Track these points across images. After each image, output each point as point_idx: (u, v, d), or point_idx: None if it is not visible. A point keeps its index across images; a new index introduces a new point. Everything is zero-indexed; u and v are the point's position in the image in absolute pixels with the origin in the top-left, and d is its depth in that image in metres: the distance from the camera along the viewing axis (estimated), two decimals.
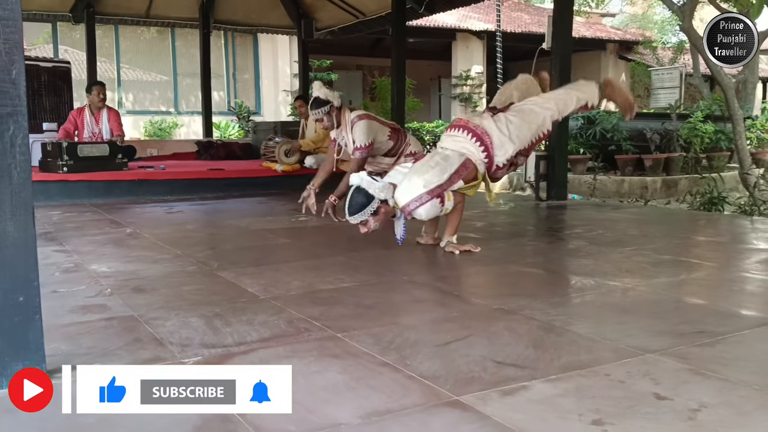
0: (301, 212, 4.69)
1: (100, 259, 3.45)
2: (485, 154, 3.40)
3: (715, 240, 4.00)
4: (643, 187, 8.48)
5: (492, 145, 3.40)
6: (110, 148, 6.56)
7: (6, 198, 1.69)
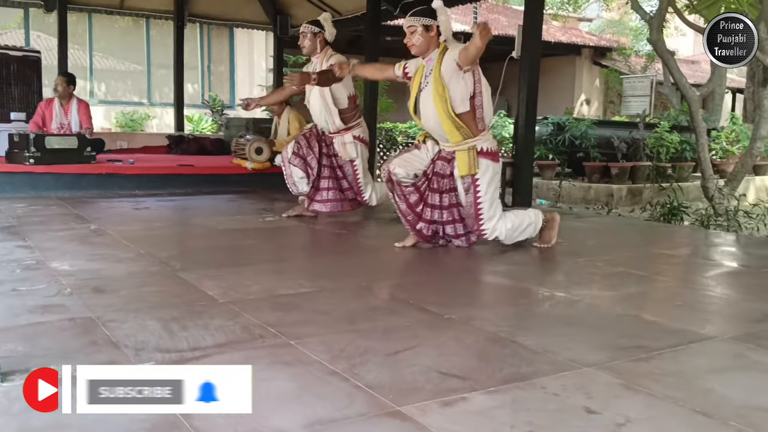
0: (269, 213, 4.73)
1: (63, 256, 3.46)
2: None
3: (669, 253, 4.13)
4: (609, 194, 8.66)
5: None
6: (79, 141, 6.52)
7: None
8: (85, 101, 7.20)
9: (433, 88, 3.50)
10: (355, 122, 4.84)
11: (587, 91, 20.08)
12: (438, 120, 3.53)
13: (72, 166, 6.35)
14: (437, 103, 3.49)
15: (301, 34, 4.78)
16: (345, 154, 4.82)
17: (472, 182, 3.58)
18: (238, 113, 15.82)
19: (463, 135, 3.53)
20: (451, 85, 3.46)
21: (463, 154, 3.56)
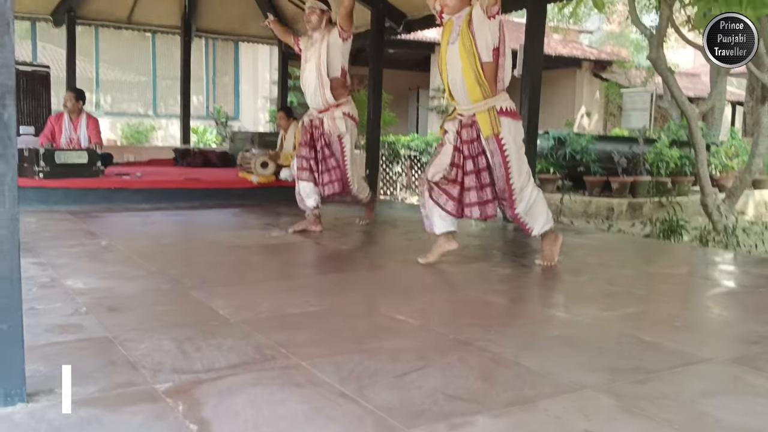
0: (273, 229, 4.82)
1: (76, 273, 3.55)
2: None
3: (668, 272, 4.21)
4: (610, 208, 8.75)
5: None
6: (88, 155, 6.63)
7: None
8: (94, 117, 7.33)
9: (461, 41, 3.66)
10: (344, 99, 5.00)
11: (588, 103, 20.20)
12: (462, 74, 3.68)
13: (81, 180, 6.47)
14: (463, 55, 3.65)
15: (309, 9, 4.94)
16: (334, 129, 4.95)
17: (497, 142, 3.70)
18: (242, 124, 15.99)
19: (483, 93, 3.67)
20: (477, 34, 3.62)
21: (483, 115, 3.70)
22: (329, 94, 4.85)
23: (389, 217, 6.72)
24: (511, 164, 3.71)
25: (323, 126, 4.97)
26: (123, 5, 9.53)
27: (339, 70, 4.90)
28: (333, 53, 4.84)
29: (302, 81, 5.05)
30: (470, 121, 3.76)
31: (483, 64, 3.63)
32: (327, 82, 4.83)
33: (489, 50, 3.64)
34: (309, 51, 4.96)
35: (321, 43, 4.85)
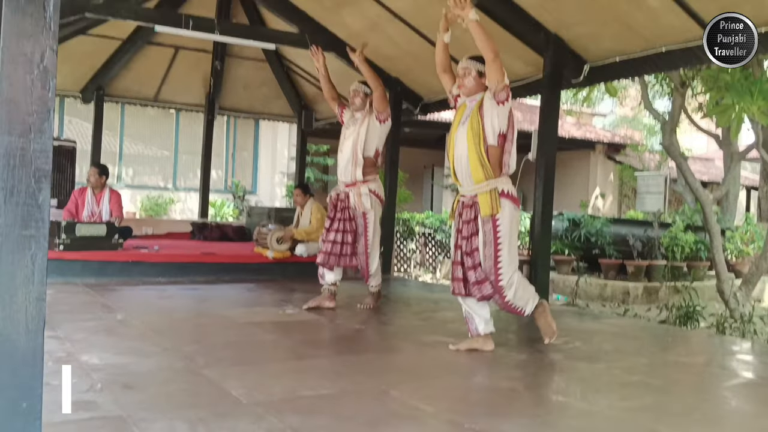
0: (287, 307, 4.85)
1: (92, 348, 3.57)
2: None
3: (685, 360, 4.15)
4: (625, 292, 8.69)
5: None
6: (108, 229, 6.75)
7: (22, 311, 1.86)
8: (117, 191, 7.50)
9: (470, 123, 3.77)
10: (372, 177, 5.17)
11: (602, 185, 20.34)
12: (466, 155, 3.75)
13: (100, 253, 6.55)
14: (469, 137, 3.75)
15: (353, 92, 5.29)
16: (360, 205, 5.10)
17: (493, 223, 3.72)
18: (260, 198, 16.23)
19: (485, 174, 3.72)
20: (486, 118, 3.73)
21: (484, 195, 3.74)
22: (359, 172, 5.05)
23: (403, 295, 6.72)
24: (502, 248, 3.72)
25: (349, 200, 5.13)
26: (150, 84, 9.91)
27: (373, 150, 5.14)
28: (371, 135, 5.09)
29: (339, 154, 5.27)
30: (471, 201, 3.83)
31: (488, 147, 3.73)
32: (360, 161, 5.05)
33: (495, 134, 3.75)
34: (349, 129, 5.21)
35: (362, 123, 5.11)
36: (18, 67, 1.90)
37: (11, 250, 1.87)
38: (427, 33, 7.00)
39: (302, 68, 9.43)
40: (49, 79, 1.93)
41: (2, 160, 1.86)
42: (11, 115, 1.88)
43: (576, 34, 5.93)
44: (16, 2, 1.93)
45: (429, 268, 11.74)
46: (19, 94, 1.89)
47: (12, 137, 1.88)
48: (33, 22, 1.92)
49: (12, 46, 1.90)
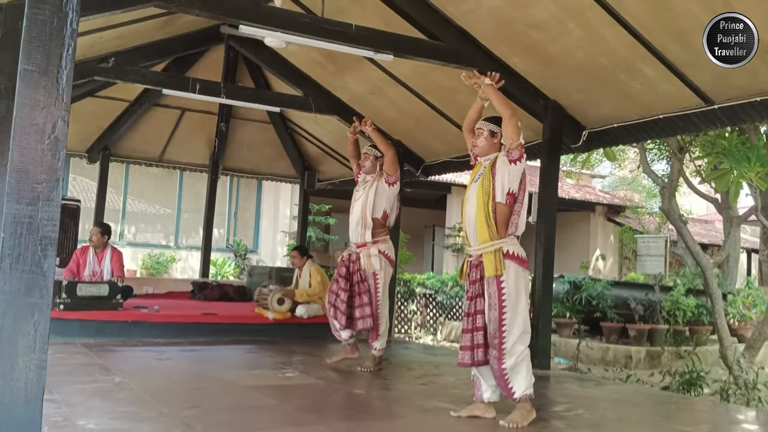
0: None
1: (89, 413, 3.53)
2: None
3: (689, 430, 4.08)
4: (628, 356, 8.61)
5: None
6: (109, 288, 6.74)
7: (22, 379, 1.87)
8: (118, 250, 7.52)
9: (481, 181, 3.82)
10: (382, 238, 5.29)
11: (602, 246, 20.36)
12: (475, 213, 3.79)
13: (100, 313, 6.52)
14: (479, 194, 3.78)
15: (364, 155, 5.48)
16: (369, 266, 5.19)
17: (497, 285, 3.66)
18: (261, 257, 16.23)
19: (490, 234, 3.71)
20: (497, 176, 3.76)
21: (489, 255, 3.71)
22: (369, 233, 5.17)
23: (404, 359, 6.66)
24: (507, 310, 3.64)
25: (360, 261, 5.19)
26: (156, 144, 10.06)
27: (381, 212, 5.27)
28: (379, 197, 5.25)
29: (350, 216, 5.41)
30: (477, 261, 3.82)
31: (496, 205, 3.74)
32: (370, 223, 5.19)
33: (504, 193, 3.76)
34: (359, 191, 5.40)
35: (371, 186, 5.29)
36: (30, 137, 1.95)
37: (14, 317, 1.88)
38: (427, 97, 7.16)
39: (306, 130, 9.59)
40: (59, 149, 1.99)
41: (9, 228, 1.90)
42: (21, 184, 1.92)
43: (574, 101, 6.06)
44: (30, 75, 2.00)
45: (430, 329, 11.65)
46: (30, 164, 1.94)
47: (20, 205, 1.92)
48: (46, 94, 1.99)
49: (25, 116, 1.96)
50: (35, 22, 2.00)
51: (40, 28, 2.00)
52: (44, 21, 2.01)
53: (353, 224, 5.31)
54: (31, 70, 1.96)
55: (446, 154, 8.18)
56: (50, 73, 2.00)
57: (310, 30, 5.20)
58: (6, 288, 1.87)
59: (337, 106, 7.90)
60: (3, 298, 1.87)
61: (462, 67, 6.01)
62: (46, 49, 1.98)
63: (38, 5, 2.03)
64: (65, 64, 1.99)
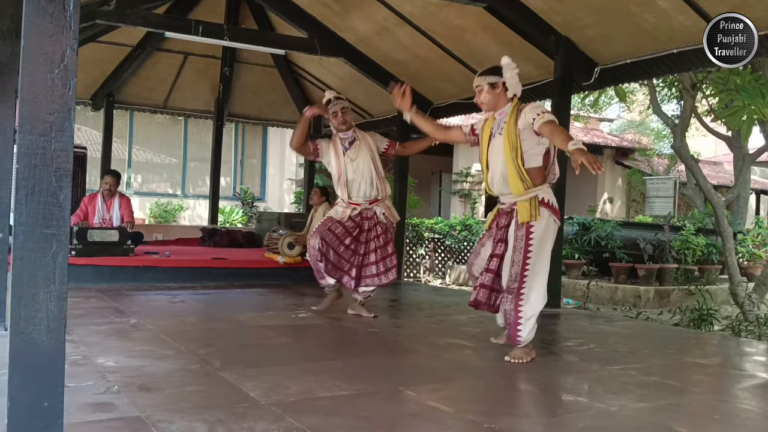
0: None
1: (107, 351, 3.57)
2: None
3: (702, 362, 4.12)
4: (636, 296, 8.64)
5: None
6: (119, 234, 6.76)
7: (43, 309, 1.86)
8: (126, 196, 7.52)
9: (505, 137, 3.59)
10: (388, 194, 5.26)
11: (610, 190, 20.29)
12: (505, 169, 3.61)
13: (112, 259, 6.57)
14: (507, 152, 3.57)
15: (343, 109, 5.07)
16: (392, 216, 5.18)
17: (527, 229, 3.55)
18: (268, 205, 16.25)
19: (526, 186, 3.56)
20: (524, 140, 3.55)
21: (524, 203, 3.56)
22: (386, 186, 5.14)
23: (414, 299, 6.71)
24: (532, 255, 3.54)
25: (376, 216, 5.08)
26: (160, 91, 9.95)
27: (383, 171, 5.19)
28: (377, 158, 5.11)
29: (352, 172, 5.06)
30: (509, 209, 3.70)
31: (528, 169, 3.56)
32: (384, 175, 5.14)
33: (539, 157, 3.60)
34: (353, 151, 5.04)
35: (369, 144, 5.09)
36: (39, 67, 1.90)
37: (32, 249, 1.87)
38: (436, 37, 7.01)
39: (311, 74, 9.45)
40: (69, 78, 1.94)
41: (24, 159, 1.87)
42: (33, 114, 1.88)
43: (586, 37, 5.93)
44: (37, 2, 1.93)
45: (438, 273, 11.71)
46: (40, 93, 1.90)
47: (33, 136, 1.88)
48: (54, 22, 1.93)
49: (33, 45, 1.91)
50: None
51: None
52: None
53: (366, 180, 5.04)
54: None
55: (455, 96, 8.06)
56: (57, 0, 1.94)
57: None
58: (23, 219, 1.85)
59: (342, 48, 7.76)
60: (21, 230, 1.85)
61: (473, 2, 5.89)
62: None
63: None
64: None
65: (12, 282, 1.85)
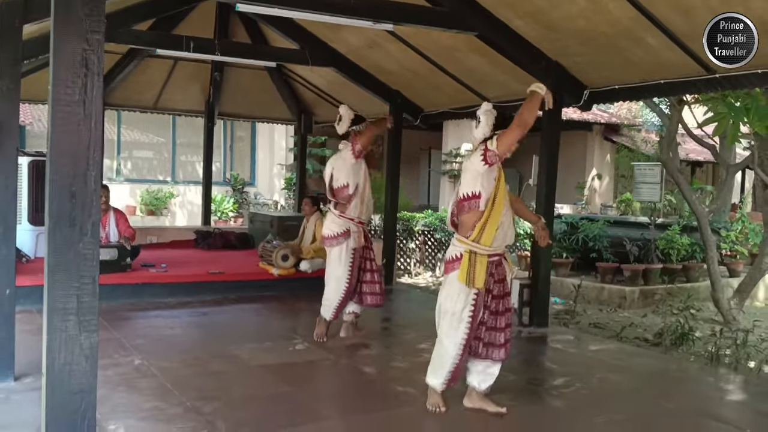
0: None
1: (116, 413, 3.72)
2: None
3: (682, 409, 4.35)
4: (622, 297, 8.90)
5: None
6: (118, 252, 6.86)
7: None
8: (121, 211, 7.56)
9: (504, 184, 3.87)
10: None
11: (599, 166, 20.44)
12: (510, 215, 3.88)
13: (110, 276, 6.64)
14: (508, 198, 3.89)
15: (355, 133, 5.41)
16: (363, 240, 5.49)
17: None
18: (258, 190, 16.31)
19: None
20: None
21: (507, 256, 3.95)
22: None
23: (407, 316, 6.89)
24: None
25: (362, 238, 5.40)
26: (150, 93, 9.93)
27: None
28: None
29: (368, 192, 5.44)
30: (499, 261, 3.86)
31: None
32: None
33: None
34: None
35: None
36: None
37: None
38: (427, 53, 7.05)
39: (301, 77, 9.46)
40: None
41: None
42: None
43: (576, 63, 6.02)
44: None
45: (428, 266, 11.93)
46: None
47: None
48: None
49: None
50: None
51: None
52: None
53: (371, 204, 5.48)
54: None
55: (445, 105, 8.15)
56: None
57: (310, 4, 5.12)
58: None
59: (333, 58, 7.79)
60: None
61: (462, 32, 5.95)
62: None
63: None
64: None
65: None
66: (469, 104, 7.67)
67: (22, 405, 3.78)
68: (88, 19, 2.02)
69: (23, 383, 4.12)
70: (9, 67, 4.19)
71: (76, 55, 1.99)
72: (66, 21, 1.99)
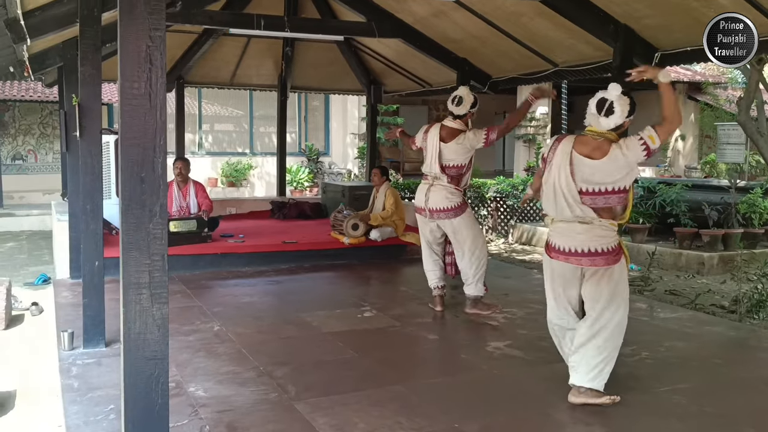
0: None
1: (196, 375, 4.02)
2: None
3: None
4: (700, 262, 8.64)
5: None
6: (197, 224, 7.24)
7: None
8: (200, 183, 7.92)
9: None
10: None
11: (682, 126, 19.64)
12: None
13: (192, 247, 7.07)
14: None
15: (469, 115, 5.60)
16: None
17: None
18: (332, 159, 16.62)
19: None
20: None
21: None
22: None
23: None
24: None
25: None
26: (226, 70, 10.28)
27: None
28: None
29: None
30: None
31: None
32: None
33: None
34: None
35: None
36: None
37: None
38: (492, 20, 6.99)
39: (370, 48, 9.55)
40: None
41: None
42: None
43: (645, 26, 5.85)
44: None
45: (501, 233, 11.91)
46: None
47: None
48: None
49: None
50: None
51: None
52: None
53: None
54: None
55: (513, 71, 8.06)
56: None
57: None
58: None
59: (400, 29, 7.83)
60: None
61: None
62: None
63: None
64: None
65: None
66: (537, 69, 7.60)
67: (112, 368, 4.13)
68: (151, 18, 2.18)
69: (113, 348, 4.48)
70: (90, 54, 4.50)
71: (141, 52, 2.16)
72: (130, 20, 2.16)
